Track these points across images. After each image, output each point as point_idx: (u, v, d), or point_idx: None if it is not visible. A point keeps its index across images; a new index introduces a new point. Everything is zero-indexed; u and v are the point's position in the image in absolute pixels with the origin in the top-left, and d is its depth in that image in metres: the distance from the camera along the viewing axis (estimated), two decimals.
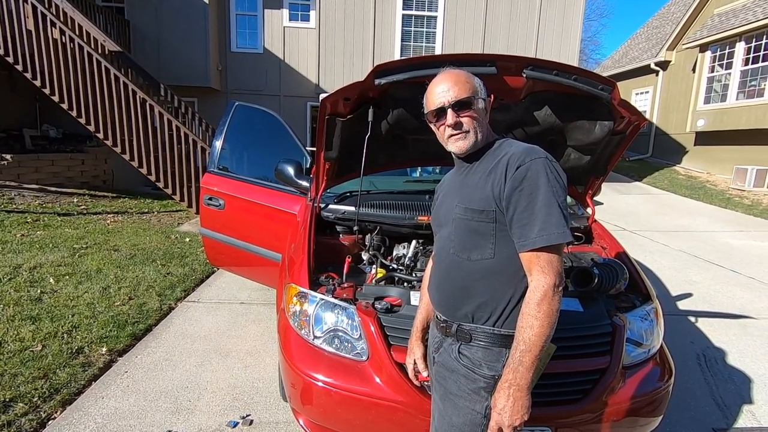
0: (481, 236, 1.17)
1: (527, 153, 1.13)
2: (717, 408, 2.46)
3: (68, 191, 6.99)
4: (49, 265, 4.06)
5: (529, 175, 1.09)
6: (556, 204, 1.07)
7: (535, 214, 1.07)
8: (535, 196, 1.08)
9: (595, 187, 2.32)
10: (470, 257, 1.19)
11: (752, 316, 3.71)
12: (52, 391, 2.33)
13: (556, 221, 1.06)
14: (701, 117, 10.95)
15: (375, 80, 1.72)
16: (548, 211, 1.07)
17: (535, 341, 1.04)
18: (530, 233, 1.08)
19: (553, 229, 1.06)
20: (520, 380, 1.05)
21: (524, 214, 1.09)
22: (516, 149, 1.16)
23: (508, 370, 1.07)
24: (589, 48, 29.28)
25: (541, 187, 1.08)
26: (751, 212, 8.07)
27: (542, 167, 1.10)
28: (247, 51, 10.47)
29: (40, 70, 6.19)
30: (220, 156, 3.29)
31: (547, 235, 1.06)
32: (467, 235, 1.20)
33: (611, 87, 1.68)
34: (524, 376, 1.05)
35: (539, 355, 1.05)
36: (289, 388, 1.79)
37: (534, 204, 1.08)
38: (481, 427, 1.18)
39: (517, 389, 1.05)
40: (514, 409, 1.06)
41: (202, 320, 3.35)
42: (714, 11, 11.26)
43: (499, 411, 1.08)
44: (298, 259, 2.01)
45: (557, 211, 1.07)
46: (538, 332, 1.04)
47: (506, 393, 1.06)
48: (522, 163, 1.10)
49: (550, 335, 1.06)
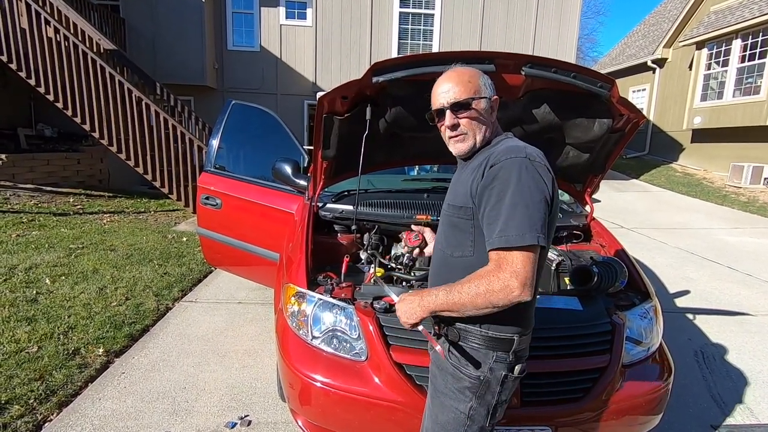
0: (462, 233, 1.18)
1: (507, 152, 1.10)
2: (715, 405, 2.46)
3: (64, 191, 6.94)
4: (45, 266, 4.03)
5: (501, 174, 1.06)
6: (522, 204, 1.03)
7: (500, 213, 1.04)
8: (503, 196, 1.05)
9: (593, 185, 2.31)
10: (453, 254, 1.20)
11: (750, 313, 3.73)
12: (48, 392, 2.31)
13: (518, 223, 1.02)
14: (698, 114, 10.98)
15: (373, 78, 1.70)
16: (511, 212, 1.03)
17: (453, 299, 1.08)
18: (492, 233, 1.05)
19: (513, 231, 1.01)
20: (423, 301, 1.14)
21: (491, 213, 1.07)
22: (500, 147, 1.15)
23: (431, 290, 1.15)
24: (585, 46, 29.31)
25: (510, 187, 1.05)
26: (747, 209, 8.10)
27: (516, 166, 1.06)
28: (243, 49, 10.42)
29: (34, 68, 6.14)
30: (216, 155, 3.27)
31: (506, 237, 1.02)
32: (451, 232, 1.21)
33: (610, 84, 1.67)
34: (428, 303, 1.13)
35: (451, 311, 1.10)
36: (287, 389, 1.77)
37: (501, 203, 1.05)
38: (465, 427, 1.18)
39: (418, 302, 1.15)
40: (405, 310, 1.17)
41: (200, 320, 3.33)
42: (710, 8, 11.27)
43: (403, 302, 1.19)
44: (295, 258, 2.00)
45: (521, 212, 1.02)
46: (459, 295, 1.07)
47: (412, 296, 1.18)
48: (497, 162, 1.09)
49: (466, 310, 1.08)
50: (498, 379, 1.16)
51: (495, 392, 1.17)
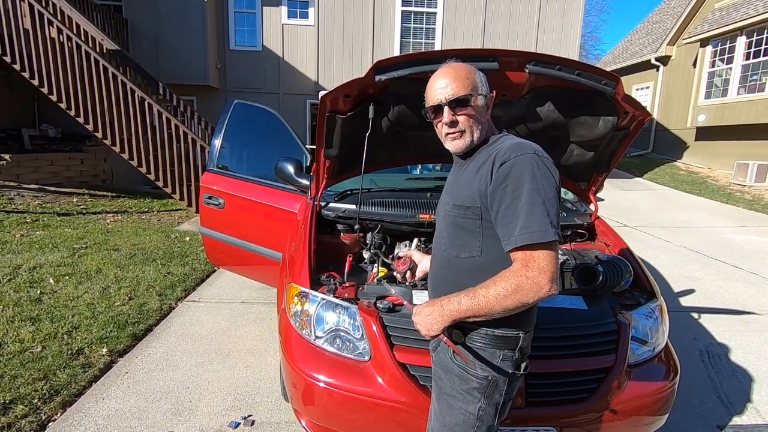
0: (468, 233, 1.16)
1: (514, 149, 1.09)
2: (721, 405, 2.44)
3: (67, 191, 6.97)
4: (49, 266, 4.05)
5: (513, 171, 1.05)
6: (540, 202, 1.03)
7: (518, 212, 1.04)
8: (518, 194, 1.04)
9: (598, 184, 2.30)
10: (458, 254, 1.19)
11: (755, 312, 3.70)
12: (52, 392, 2.31)
13: (539, 219, 1.02)
14: (702, 112, 10.90)
15: (375, 77, 1.69)
16: (531, 209, 1.03)
17: (479, 302, 1.05)
18: (512, 231, 1.04)
19: (535, 228, 1.02)
20: (445, 309, 1.11)
21: (507, 212, 1.06)
22: (505, 145, 1.13)
23: (451, 296, 1.11)
24: (588, 44, 29.21)
25: (525, 185, 1.04)
26: (752, 207, 8.05)
27: (527, 163, 1.06)
28: (245, 49, 10.43)
29: (38, 69, 6.16)
30: (219, 154, 3.27)
31: (529, 234, 1.02)
32: (455, 232, 1.19)
33: (615, 82, 1.65)
34: (451, 311, 1.10)
35: (477, 316, 1.07)
36: (290, 389, 1.77)
37: (517, 202, 1.04)
38: (474, 428, 1.18)
39: (439, 311, 1.12)
40: (425, 319, 1.14)
41: (203, 320, 3.33)
42: (715, 5, 11.20)
43: (417, 311, 1.17)
44: (298, 258, 1.99)
45: (540, 209, 1.03)
46: (485, 299, 1.05)
47: (432, 305, 1.14)
48: (507, 160, 1.07)
49: (494, 313, 1.06)
50: (505, 378, 1.16)
51: (502, 391, 1.17)
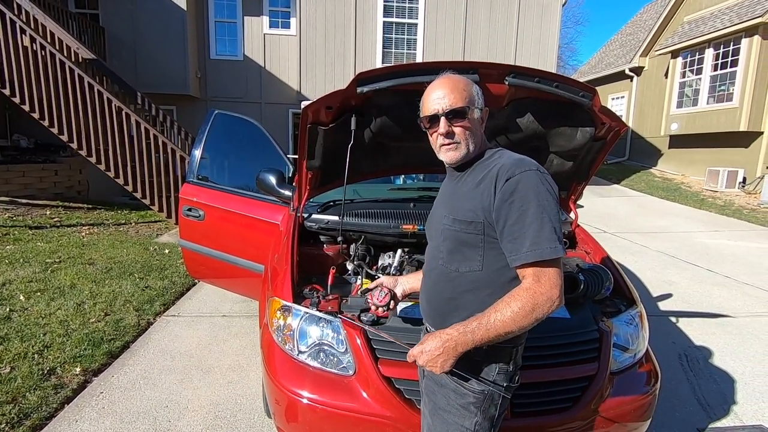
0: (470, 248, 1.15)
1: (517, 165, 1.10)
2: (701, 408, 2.49)
3: (40, 203, 6.75)
4: (20, 282, 3.89)
5: (519, 188, 1.06)
6: (547, 218, 1.05)
7: (526, 228, 1.05)
8: (525, 210, 1.06)
9: (577, 193, 2.34)
10: (459, 269, 1.17)
11: (730, 315, 3.80)
12: (21, 416, 2.21)
13: (547, 236, 1.04)
14: (675, 121, 11.29)
15: (357, 88, 1.69)
16: (540, 226, 1.04)
17: (494, 326, 1.04)
18: (521, 248, 1.05)
19: (545, 244, 1.04)
20: (459, 343, 1.05)
21: (514, 228, 1.07)
22: (506, 160, 1.14)
23: (459, 327, 1.07)
24: (566, 54, 29.97)
25: (531, 201, 1.05)
26: (724, 212, 8.32)
27: (533, 180, 1.07)
28: (226, 58, 10.35)
29: (9, 79, 5.97)
30: (199, 165, 3.21)
31: (540, 251, 1.04)
32: (456, 247, 1.18)
33: (592, 94, 1.69)
34: (464, 344, 1.05)
35: (491, 341, 1.05)
36: (273, 405, 1.73)
37: (524, 218, 1.05)
38: None
39: (452, 347, 1.06)
40: (436, 359, 1.07)
41: (183, 335, 3.24)
42: (684, 19, 11.66)
43: (424, 349, 1.09)
44: (281, 270, 1.96)
45: (549, 225, 1.05)
46: (501, 322, 1.03)
47: (441, 342, 1.07)
48: (512, 176, 1.08)
49: (510, 335, 1.05)
50: (500, 391, 1.16)
51: (497, 404, 1.16)
